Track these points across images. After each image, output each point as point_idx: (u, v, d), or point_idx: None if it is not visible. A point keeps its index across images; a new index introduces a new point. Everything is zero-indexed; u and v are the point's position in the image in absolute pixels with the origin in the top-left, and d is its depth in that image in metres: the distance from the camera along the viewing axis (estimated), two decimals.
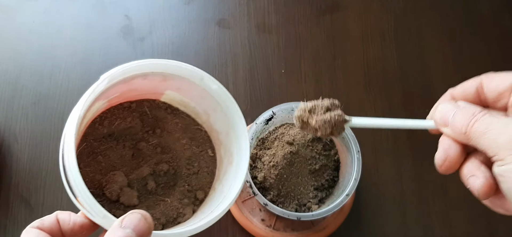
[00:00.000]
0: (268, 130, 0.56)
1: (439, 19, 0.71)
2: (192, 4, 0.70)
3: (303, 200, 0.53)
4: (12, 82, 0.62)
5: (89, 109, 0.40)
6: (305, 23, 0.70)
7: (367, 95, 0.65)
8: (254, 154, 0.55)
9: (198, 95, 0.45)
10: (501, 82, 0.29)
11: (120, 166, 0.44)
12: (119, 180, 0.42)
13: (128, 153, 0.45)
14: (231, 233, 0.56)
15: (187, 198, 0.44)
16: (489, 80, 0.30)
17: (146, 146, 0.45)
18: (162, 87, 0.45)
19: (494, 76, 0.30)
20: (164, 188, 0.44)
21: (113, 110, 0.45)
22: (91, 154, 0.43)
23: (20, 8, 0.67)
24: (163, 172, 0.45)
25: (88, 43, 0.66)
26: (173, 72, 0.43)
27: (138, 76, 0.42)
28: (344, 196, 0.49)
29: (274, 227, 0.54)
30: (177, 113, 0.48)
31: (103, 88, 0.39)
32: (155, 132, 0.47)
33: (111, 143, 0.45)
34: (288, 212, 0.49)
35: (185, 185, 0.45)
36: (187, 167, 0.46)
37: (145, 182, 0.44)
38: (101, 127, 0.44)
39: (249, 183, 0.49)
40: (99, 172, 0.43)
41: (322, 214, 0.48)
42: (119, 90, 0.43)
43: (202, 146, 0.47)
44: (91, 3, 0.69)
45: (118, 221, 0.29)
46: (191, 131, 0.47)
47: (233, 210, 0.55)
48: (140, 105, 0.46)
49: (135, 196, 0.42)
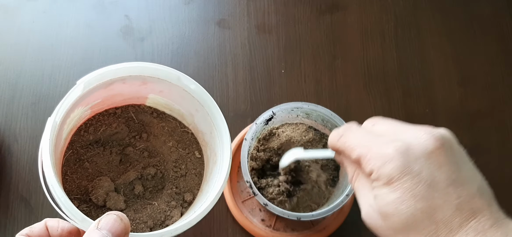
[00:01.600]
0: (268, 129, 0.56)
1: (439, 19, 0.71)
2: (192, 4, 0.70)
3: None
4: (12, 82, 0.62)
5: (69, 115, 0.40)
6: (305, 23, 0.70)
7: (367, 95, 0.65)
8: (254, 154, 0.55)
9: (179, 96, 0.45)
10: (350, 155, 0.33)
11: (107, 171, 0.44)
12: (105, 185, 0.43)
13: (116, 159, 0.45)
14: (231, 233, 0.56)
15: (174, 201, 0.44)
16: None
17: (133, 151, 0.46)
18: (144, 91, 0.46)
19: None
20: (152, 192, 0.45)
21: (98, 117, 0.46)
22: (78, 161, 0.44)
23: (20, 8, 0.67)
24: (151, 175, 0.45)
25: (88, 43, 0.66)
26: (150, 74, 0.43)
27: (117, 80, 0.42)
28: (344, 196, 0.49)
29: (274, 227, 0.54)
30: (163, 116, 0.48)
31: (80, 93, 0.39)
32: (142, 137, 0.47)
33: (98, 150, 0.45)
34: (288, 212, 0.49)
35: (173, 187, 0.45)
36: (174, 169, 0.46)
37: (132, 186, 0.44)
38: (87, 134, 0.45)
39: (249, 183, 0.49)
40: (85, 178, 0.43)
41: (322, 214, 0.48)
42: (100, 96, 0.43)
43: (189, 148, 0.47)
44: (91, 3, 0.69)
45: (94, 223, 0.29)
46: (178, 133, 0.48)
47: (233, 210, 0.55)
48: (125, 111, 0.47)
49: (122, 200, 0.42)
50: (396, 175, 0.28)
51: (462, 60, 0.69)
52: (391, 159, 0.29)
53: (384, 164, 0.29)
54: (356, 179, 0.33)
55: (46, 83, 0.63)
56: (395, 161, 0.29)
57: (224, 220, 0.56)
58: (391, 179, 0.29)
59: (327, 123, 0.54)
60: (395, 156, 0.29)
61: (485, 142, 0.63)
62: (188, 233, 0.55)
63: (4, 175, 0.57)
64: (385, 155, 0.29)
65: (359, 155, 0.31)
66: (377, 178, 0.30)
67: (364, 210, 0.32)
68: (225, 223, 0.56)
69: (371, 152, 0.30)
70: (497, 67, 0.69)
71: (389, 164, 0.29)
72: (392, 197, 0.29)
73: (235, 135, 0.60)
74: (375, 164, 0.30)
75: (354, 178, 0.34)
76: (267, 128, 0.55)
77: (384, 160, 0.29)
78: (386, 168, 0.29)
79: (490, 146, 0.63)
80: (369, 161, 0.30)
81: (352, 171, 0.34)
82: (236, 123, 0.61)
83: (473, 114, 0.65)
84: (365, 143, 0.31)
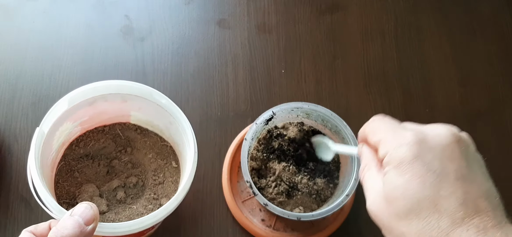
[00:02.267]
0: (267, 129, 0.56)
1: (439, 19, 0.71)
2: (192, 4, 0.70)
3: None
4: (12, 82, 0.62)
5: (58, 127, 0.46)
6: (305, 23, 0.70)
7: (367, 95, 0.65)
8: (254, 154, 0.55)
9: (154, 111, 0.50)
10: (372, 138, 0.34)
11: (95, 180, 0.51)
12: (90, 191, 0.49)
13: (103, 170, 0.51)
14: (231, 233, 0.56)
15: (151, 205, 0.49)
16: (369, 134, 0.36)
17: (119, 163, 0.52)
18: (126, 108, 0.51)
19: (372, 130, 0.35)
20: (134, 198, 0.50)
21: (88, 133, 0.53)
22: (69, 171, 0.51)
23: (20, 8, 0.67)
24: (133, 184, 0.51)
25: (88, 43, 0.66)
26: (127, 91, 0.48)
27: (99, 98, 0.48)
28: (344, 196, 0.49)
29: (274, 227, 0.54)
30: (146, 133, 0.54)
31: (66, 107, 0.45)
32: (126, 151, 0.53)
33: (88, 162, 0.52)
34: (288, 212, 0.49)
35: (152, 193, 0.50)
36: (153, 178, 0.51)
37: (115, 192, 0.50)
38: (78, 148, 0.52)
39: (249, 183, 0.49)
40: (74, 186, 0.50)
41: (322, 214, 0.49)
42: (87, 113, 0.49)
43: (167, 159, 0.53)
44: (91, 3, 0.69)
45: (68, 212, 0.35)
46: (158, 147, 0.53)
47: (233, 210, 0.55)
48: (112, 128, 0.53)
49: (104, 204, 0.48)
50: (408, 159, 0.29)
51: (462, 60, 0.69)
52: (407, 143, 0.30)
53: (399, 146, 0.30)
54: (367, 170, 0.34)
55: (46, 83, 0.63)
56: (410, 146, 0.30)
57: (224, 220, 0.56)
58: (402, 162, 0.30)
59: (327, 123, 0.54)
60: (411, 141, 0.30)
61: (485, 142, 0.63)
62: (189, 234, 0.55)
63: (4, 175, 0.57)
64: (402, 139, 0.30)
65: (379, 139, 0.33)
66: (389, 161, 0.31)
67: (371, 199, 0.33)
68: (225, 223, 0.56)
69: (389, 135, 0.32)
70: (497, 67, 0.69)
71: (403, 147, 0.30)
72: (400, 180, 0.29)
73: (235, 135, 0.60)
74: (391, 146, 0.31)
75: (365, 169, 0.35)
76: (266, 128, 0.56)
77: (400, 143, 0.30)
78: (400, 151, 0.30)
79: (490, 146, 0.63)
80: (386, 144, 0.32)
81: (365, 162, 0.35)
82: (236, 123, 0.61)
83: (473, 114, 0.65)
84: (388, 129, 0.33)
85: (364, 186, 0.34)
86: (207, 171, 0.58)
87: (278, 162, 0.53)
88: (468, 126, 0.64)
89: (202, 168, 0.58)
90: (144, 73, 0.64)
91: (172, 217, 0.46)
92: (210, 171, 0.58)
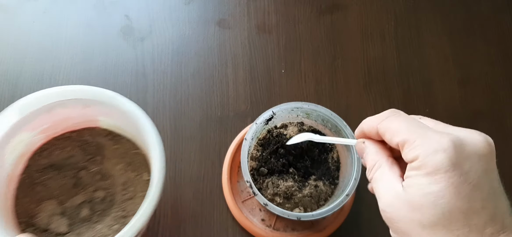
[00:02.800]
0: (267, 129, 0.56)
1: (439, 19, 0.71)
2: (192, 4, 0.70)
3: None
4: (12, 82, 0.62)
5: (9, 140, 0.41)
6: (305, 23, 0.70)
7: (367, 95, 0.65)
8: (254, 154, 0.55)
9: (121, 117, 0.44)
10: (391, 138, 0.31)
11: (59, 194, 0.45)
12: (49, 209, 0.43)
13: (70, 182, 0.46)
14: (231, 233, 0.56)
15: (118, 224, 0.43)
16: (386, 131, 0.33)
17: (87, 174, 0.46)
18: (91, 113, 0.46)
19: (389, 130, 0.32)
20: (100, 215, 0.45)
21: (53, 141, 0.46)
22: (31, 184, 0.45)
23: (20, 8, 0.67)
24: (100, 199, 0.45)
25: (88, 43, 0.66)
26: (89, 97, 0.43)
27: (56, 105, 0.42)
28: (344, 196, 0.49)
29: (274, 227, 0.54)
30: (118, 138, 0.48)
31: (16, 118, 0.40)
32: (96, 160, 0.47)
33: (53, 173, 0.46)
34: (288, 212, 0.48)
35: (120, 211, 0.45)
36: (122, 192, 0.46)
37: (79, 209, 0.44)
38: (41, 158, 0.46)
39: (249, 183, 0.49)
40: (35, 202, 0.44)
41: (322, 214, 0.48)
42: (47, 121, 0.44)
43: (139, 170, 0.47)
44: (91, 3, 0.69)
45: None
46: (130, 155, 0.47)
47: (233, 210, 0.55)
48: (80, 134, 0.47)
49: (65, 224, 0.43)
50: (445, 167, 0.27)
51: (462, 60, 0.69)
52: (445, 149, 0.27)
53: (435, 152, 0.28)
54: (377, 168, 0.32)
55: (46, 83, 0.63)
56: (448, 152, 0.27)
57: (224, 220, 0.56)
58: (438, 170, 0.27)
59: (327, 123, 0.54)
60: (449, 147, 0.27)
61: None
62: (189, 234, 0.55)
63: None
64: (438, 144, 0.28)
65: (404, 140, 0.30)
66: (420, 166, 0.28)
67: (386, 200, 0.30)
68: (225, 223, 0.56)
69: (421, 138, 0.29)
70: (497, 67, 0.69)
71: (441, 154, 0.27)
72: (433, 188, 0.27)
73: (235, 135, 0.60)
74: (424, 151, 0.28)
75: (375, 168, 0.33)
76: (266, 127, 0.56)
77: (436, 148, 0.28)
78: (436, 157, 0.27)
79: None
80: (417, 147, 0.29)
81: (374, 160, 0.33)
82: (236, 123, 0.61)
83: (473, 114, 0.65)
84: (414, 129, 0.30)
85: (375, 186, 0.32)
86: (207, 171, 0.58)
87: (277, 161, 0.53)
88: (468, 126, 0.64)
89: (202, 168, 0.58)
90: (144, 73, 0.64)
91: (172, 217, 0.46)
92: (210, 171, 0.58)
